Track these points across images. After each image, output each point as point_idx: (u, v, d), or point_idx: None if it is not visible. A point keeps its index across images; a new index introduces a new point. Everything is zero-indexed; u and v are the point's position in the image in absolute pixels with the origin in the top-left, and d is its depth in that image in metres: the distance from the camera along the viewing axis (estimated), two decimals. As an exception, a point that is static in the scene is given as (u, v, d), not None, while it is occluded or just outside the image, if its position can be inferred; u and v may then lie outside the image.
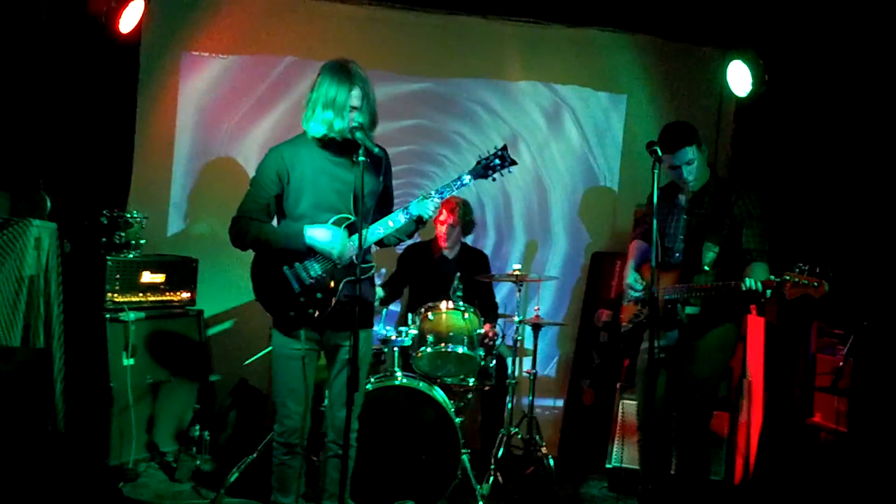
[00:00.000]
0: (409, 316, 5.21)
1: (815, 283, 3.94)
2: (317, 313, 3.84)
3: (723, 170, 6.11)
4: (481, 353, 5.09)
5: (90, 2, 5.31)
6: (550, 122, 6.43)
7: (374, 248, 4.05)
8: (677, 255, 4.48)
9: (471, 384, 5.15)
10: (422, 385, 4.87)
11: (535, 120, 6.42)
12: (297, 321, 3.87)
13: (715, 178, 4.52)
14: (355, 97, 3.77)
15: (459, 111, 6.34)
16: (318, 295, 3.84)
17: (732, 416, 5.52)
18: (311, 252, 3.84)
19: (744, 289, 4.07)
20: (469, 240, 6.02)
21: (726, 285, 4.17)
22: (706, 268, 4.32)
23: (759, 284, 4.06)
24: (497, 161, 3.92)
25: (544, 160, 6.44)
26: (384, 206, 4.01)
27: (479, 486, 4.95)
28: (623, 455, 5.49)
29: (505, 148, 3.96)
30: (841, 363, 4.65)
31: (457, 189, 3.91)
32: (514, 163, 3.95)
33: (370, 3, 6.13)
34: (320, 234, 3.81)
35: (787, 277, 4.00)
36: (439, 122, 6.34)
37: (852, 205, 5.09)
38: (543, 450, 5.37)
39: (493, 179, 3.99)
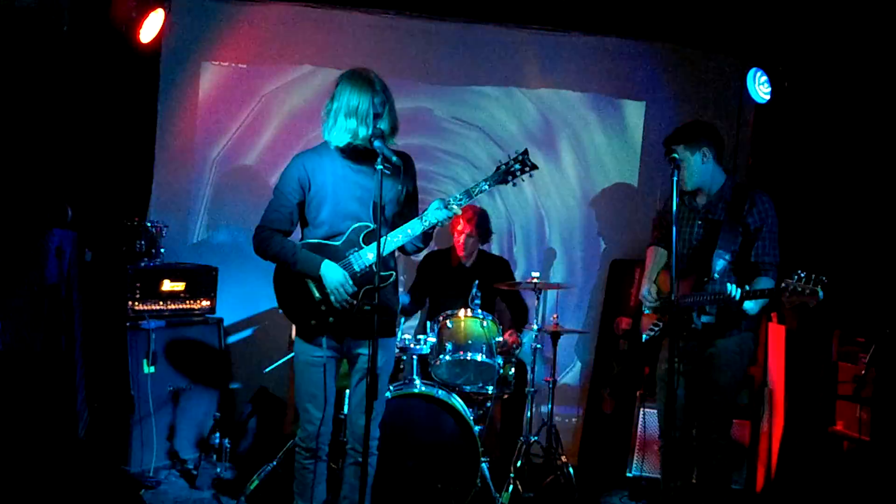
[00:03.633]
0: (428, 324, 5.21)
1: (808, 291, 3.83)
2: (337, 321, 3.85)
3: (743, 176, 6.08)
4: (500, 360, 5.08)
5: (112, 12, 5.35)
6: (569, 130, 6.43)
7: (396, 254, 4.02)
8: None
9: (490, 392, 5.14)
10: (441, 393, 4.86)
11: (554, 127, 6.42)
12: (319, 329, 3.87)
13: (731, 184, 4.44)
14: (378, 104, 3.77)
15: (477, 118, 6.34)
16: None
17: (754, 424, 5.49)
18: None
19: (729, 294, 4.05)
20: (490, 248, 6.02)
21: (720, 294, 4.15)
22: (715, 276, 4.25)
23: (738, 293, 4.02)
24: (517, 166, 3.89)
25: (563, 168, 6.43)
26: (409, 210, 3.99)
27: (498, 495, 4.95)
28: (644, 464, 5.47)
29: (526, 153, 3.92)
30: (863, 371, 4.61)
31: (476, 195, 3.87)
32: (534, 167, 3.91)
33: (388, 12, 6.15)
34: (332, 276, 3.81)
35: (784, 285, 3.93)
36: (456, 129, 6.34)
37: (874, 211, 5.05)
38: (563, 458, 5.35)
39: (514, 185, 3.95)
